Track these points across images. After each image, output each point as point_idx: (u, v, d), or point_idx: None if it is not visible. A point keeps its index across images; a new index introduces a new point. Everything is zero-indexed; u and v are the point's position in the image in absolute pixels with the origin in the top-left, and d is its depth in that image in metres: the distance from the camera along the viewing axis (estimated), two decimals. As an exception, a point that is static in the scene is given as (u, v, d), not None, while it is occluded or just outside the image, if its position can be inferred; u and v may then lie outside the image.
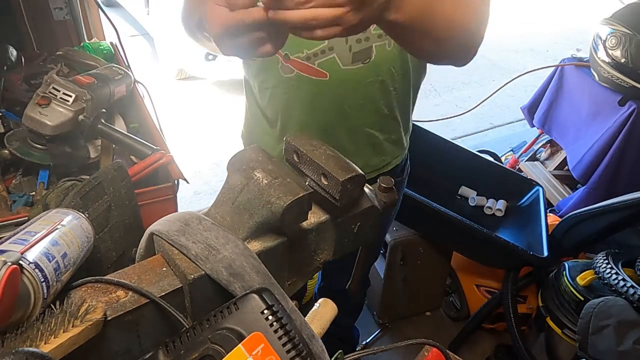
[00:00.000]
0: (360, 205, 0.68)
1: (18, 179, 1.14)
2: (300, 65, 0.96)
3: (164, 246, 0.55)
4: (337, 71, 0.95)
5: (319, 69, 0.95)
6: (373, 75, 0.97)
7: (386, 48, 0.95)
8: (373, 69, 0.96)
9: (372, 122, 1.05)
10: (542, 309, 1.60)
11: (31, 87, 1.35)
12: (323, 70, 0.95)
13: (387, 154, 1.13)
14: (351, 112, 1.01)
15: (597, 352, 1.26)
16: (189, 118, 3.57)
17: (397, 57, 0.97)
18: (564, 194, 2.36)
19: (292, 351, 0.42)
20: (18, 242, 0.48)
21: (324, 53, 0.94)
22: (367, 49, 0.93)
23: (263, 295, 0.46)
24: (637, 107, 1.92)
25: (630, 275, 1.40)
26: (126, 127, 1.37)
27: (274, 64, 0.97)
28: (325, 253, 0.68)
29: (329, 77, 0.96)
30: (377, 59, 0.95)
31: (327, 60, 0.94)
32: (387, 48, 0.95)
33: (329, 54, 0.94)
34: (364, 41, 0.92)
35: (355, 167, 0.61)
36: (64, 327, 0.45)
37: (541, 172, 2.51)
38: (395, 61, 0.97)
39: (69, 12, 1.73)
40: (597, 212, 1.58)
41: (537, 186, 2.01)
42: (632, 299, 1.30)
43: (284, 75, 0.98)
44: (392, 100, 1.04)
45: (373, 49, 0.93)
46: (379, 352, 0.61)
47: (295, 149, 0.64)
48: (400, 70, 1.00)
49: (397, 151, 1.16)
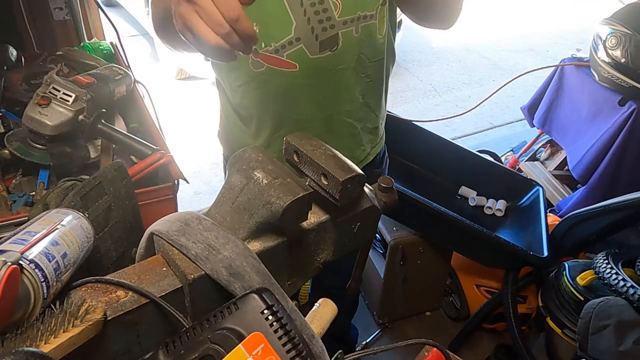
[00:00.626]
0: (360, 205, 0.68)
1: (18, 179, 1.14)
2: (269, 58, 0.95)
3: (164, 246, 0.55)
4: (306, 61, 0.95)
5: (288, 61, 0.95)
6: (343, 63, 0.97)
7: (353, 34, 0.95)
8: (342, 56, 0.96)
9: (348, 111, 1.05)
10: (542, 309, 1.60)
11: (31, 87, 1.35)
12: (292, 62, 0.95)
13: (365, 144, 1.14)
14: (325, 102, 1.02)
15: (597, 352, 1.26)
16: (189, 118, 3.57)
17: (366, 43, 0.97)
18: (564, 194, 2.36)
19: (292, 351, 0.42)
20: (18, 242, 0.48)
21: (292, 44, 0.93)
22: (334, 36, 0.93)
23: (263, 295, 0.46)
24: (637, 107, 1.92)
25: (630, 275, 1.40)
26: (126, 127, 1.37)
27: (244, 60, 0.97)
28: (325, 253, 0.68)
29: (298, 68, 0.96)
30: (344, 45, 0.95)
31: (295, 51, 0.94)
32: (354, 34, 0.95)
33: (296, 44, 0.93)
34: (330, 29, 0.93)
35: (355, 167, 0.61)
36: (64, 327, 0.45)
37: (541, 172, 2.51)
38: (364, 47, 0.98)
39: (69, 12, 1.73)
40: (597, 212, 1.58)
41: (537, 186, 2.01)
42: (632, 299, 1.30)
43: (254, 70, 0.98)
44: (366, 87, 1.04)
45: (339, 36, 0.94)
46: (379, 352, 0.61)
47: (295, 149, 0.64)
48: (371, 56, 1.00)
49: (374, 140, 1.17)
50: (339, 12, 0.92)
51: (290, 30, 0.92)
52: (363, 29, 0.95)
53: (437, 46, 5.21)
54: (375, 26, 0.97)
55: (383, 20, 0.98)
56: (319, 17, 0.91)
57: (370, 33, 0.97)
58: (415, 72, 4.64)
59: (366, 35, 0.96)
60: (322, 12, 0.91)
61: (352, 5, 0.92)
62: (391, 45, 1.07)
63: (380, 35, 0.99)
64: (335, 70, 0.98)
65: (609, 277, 1.37)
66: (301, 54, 0.94)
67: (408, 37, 4.81)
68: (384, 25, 0.99)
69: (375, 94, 1.09)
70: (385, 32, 1.00)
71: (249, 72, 0.98)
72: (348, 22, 0.93)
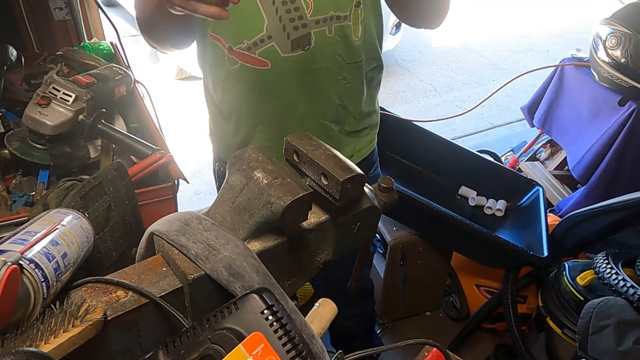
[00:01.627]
0: (360, 205, 0.68)
1: (18, 179, 1.14)
2: (242, 55, 0.96)
3: (164, 246, 0.55)
4: (278, 59, 0.95)
5: (260, 59, 0.95)
6: (316, 63, 0.97)
7: (326, 34, 0.94)
8: (314, 56, 0.96)
9: (323, 112, 1.04)
10: (542, 309, 1.60)
11: (31, 87, 1.35)
12: (264, 59, 0.95)
13: (345, 146, 1.12)
14: (299, 101, 1.01)
15: (597, 352, 1.26)
16: (189, 118, 3.57)
17: (341, 44, 0.97)
18: (564, 194, 2.36)
19: (292, 351, 0.42)
20: (18, 242, 0.48)
21: (263, 42, 0.94)
22: (306, 35, 0.93)
23: (263, 295, 0.46)
24: (637, 107, 1.92)
25: (630, 275, 1.40)
26: (126, 127, 1.37)
27: (221, 57, 0.98)
28: (325, 253, 0.68)
29: (270, 66, 0.96)
30: (317, 45, 0.95)
31: (266, 49, 0.94)
32: (328, 34, 0.95)
33: (268, 42, 0.94)
34: (302, 28, 0.93)
35: (355, 167, 0.61)
36: (64, 327, 0.45)
37: (541, 172, 2.51)
38: (339, 48, 0.97)
39: (69, 12, 1.73)
40: (597, 212, 1.58)
41: (537, 186, 2.01)
42: (632, 299, 1.30)
43: (230, 67, 0.98)
44: (343, 89, 1.03)
45: (312, 35, 0.93)
46: (378, 352, 0.61)
47: (295, 149, 0.64)
48: (347, 58, 0.99)
49: (355, 144, 1.14)
50: (311, 11, 0.92)
51: (262, 28, 0.92)
52: (337, 29, 0.95)
53: (437, 46, 5.21)
54: (349, 27, 0.96)
55: (357, 22, 0.97)
56: (290, 16, 0.91)
57: (344, 34, 0.96)
58: (415, 72, 4.64)
59: (340, 35, 0.96)
60: (294, 10, 0.91)
61: (324, 5, 0.92)
62: (373, 50, 1.06)
63: (356, 38, 0.98)
64: (309, 69, 0.97)
65: (609, 277, 1.37)
66: (273, 52, 0.94)
67: (408, 37, 4.81)
68: (359, 28, 0.98)
69: (353, 97, 1.07)
70: (362, 35, 0.99)
71: (226, 70, 0.99)
72: (320, 21, 0.93)
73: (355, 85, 1.06)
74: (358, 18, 0.97)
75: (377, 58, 1.09)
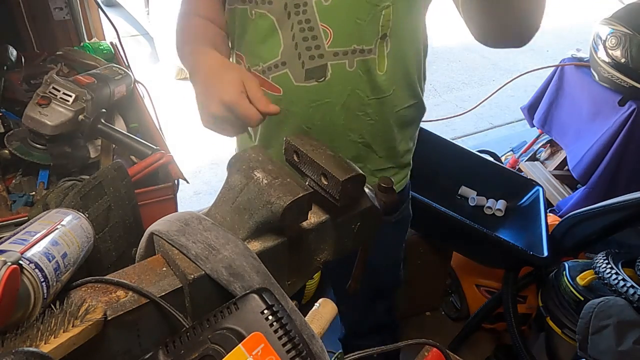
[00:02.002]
0: (360, 205, 0.68)
1: (18, 179, 1.14)
2: (258, 77, 0.93)
3: (164, 246, 0.55)
4: (290, 87, 0.90)
5: (272, 84, 0.91)
6: (330, 96, 0.90)
7: (345, 68, 0.87)
8: (329, 89, 0.89)
9: (338, 147, 0.96)
10: (542, 309, 1.60)
11: (31, 87, 1.35)
12: (276, 85, 0.91)
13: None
14: (311, 132, 0.94)
15: (597, 352, 1.26)
16: (189, 118, 3.57)
17: (364, 79, 0.89)
18: (564, 194, 2.36)
19: (292, 351, 0.42)
20: (18, 242, 0.48)
21: (277, 67, 0.89)
22: (321, 66, 0.87)
23: (263, 295, 0.46)
24: (637, 107, 1.92)
25: (630, 275, 1.40)
26: (126, 127, 1.37)
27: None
28: (325, 253, 0.68)
29: (282, 93, 0.91)
30: (333, 78, 0.88)
31: (280, 75, 0.90)
32: (347, 68, 0.87)
33: (282, 68, 0.89)
34: (318, 58, 0.86)
35: (355, 167, 0.61)
36: (64, 327, 0.45)
37: (541, 172, 2.51)
38: (361, 83, 0.89)
39: (69, 12, 1.73)
40: (597, 212, 1.58)
41: (537, 186, 2.01)
42: (632, 299, 1.30)
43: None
44: (365, 126, 0.95)
45: (328, 67, 0.87)
46: (378, 352, 0.61)
47: (295, 149, 0.64)
48: (371, 93, 0.91)
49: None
50: (330, 41, 0.85)
51: (277, 53, 0.88)
52: (359, 63, 0.87)
53: (437, 46, 5.21)
54: (374, 61, 0.88)
55: (383, 54, 0.89)
56: (307, 44, 0.86)
57: (368, 68, 0.88)
58: (415, 72, 4.64)
59: (363, 70, 0.88)
60: (311, 38, 0.85)
61: (346, 37, 0.85)
62: (407, 86, 0.95)
63: (380, 72, 0.89)
64: (321, 102, 0.90)
65: (609, 277, 1.37)
66: (285, 79, 0.89)
67: (408, 37, 4.80)
68: (384, 61, 0.89)
69: (380, 136, 0.97)
70: (388, 68, 0.90)
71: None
72: (340, 54, 0.86)
73: (382, 123, 0.96)
74: (384, 50, 0.88)
75: (414, 95, 0.98)
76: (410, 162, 1.12)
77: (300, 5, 0.83)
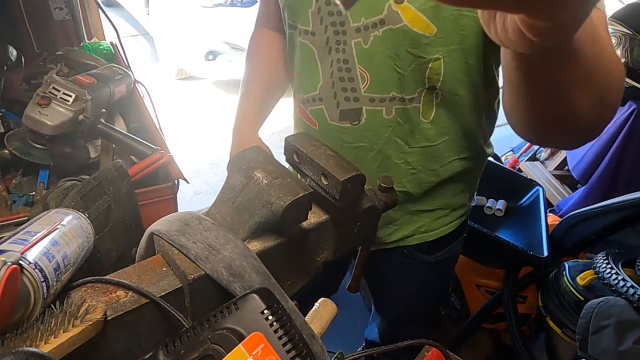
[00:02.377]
0: (360, 205, 0.68)
1: (18, 179, 1.14)
2: (299, 106, 0.93)
3: (164, 246, 0.55)
4: (325, 124, 0.87)
5: (310, 116, 0.90)
6: (364, 141, 0.86)
7: (382, 115, 0.82)
8: (363, 134, 0.85)
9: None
10: (542, 309, 1.60)
11: (31, 87, 1.35)
12: (313, 119, 0.90)
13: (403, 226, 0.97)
14: None
15: (597, 352, 1.26)
16: (189, 118, 3.57)
17: (404, 128, 0.83)
18: (564, 194, 2.36)
19: (292, 351, 0.42)
20: (18, 242, 0.48)
21: (315, 102, 0.88)
22: (356, 110, 0.83)
23: (263, 295, 0.46)
24: (637, 107, 1.92)
25: (630, 275, 1.40)
26: (126, 127, 1.37)
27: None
28: (325, 253, 0.68)
29: (317, 127, 0.90)
30: (368, 124, 0.83)
31: (316, 110, 0.88)
32: (384, 115, 0.82)
33: (319, 103, 0.87)
34: (353, 100, 0.82)
35: (355, 167, 0.61)
36: (64, 327, 0.45)
37: (541, 172, 2.51)
38: (400, 131, 0.83)
39: (69, 12, 1.73)
40: (597, 212, 1.58)
41: (537, 186, 2.01)
42: (632, 299, 1.30)
43: (295, 109, 0.96)
44: (403, 175, 0.89)
45: (363, 111, 0.83)
46: (378, 352, 0.61)
47: (295, 149, 0.64)
48: (412, 141, 0.84)
49: (420, 223, 0.97)
50: (366, 86, 0.80)
51: (316, 87, 0.86)
52: (399, 112, 0.81)
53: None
54: (417, 110, 0.81)
55: (431, 104, 0.81)
56: (344, 85, 0.82)
57: (409, 117, 0.82)
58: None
59: (404, 119, 0.82)
60: (348, 80, 0.81)
61: (383, 84, 0.79)
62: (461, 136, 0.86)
63: (425, 120, 0.82)
64: (355, 145, 0.86)
65: (609, 277, 1.37)
66: (321, 115, 0.87)
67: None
68: (431, 109, 0.81)
69: (422, 186, 0.90)
70: (436, 117, 0.82)
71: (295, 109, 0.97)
72: (376, 100, 0.81)
73: (425, 173, 0.89)
74: (432, 101, 0.80)
75: (470, 147, 0.89)
76: (465, 205, 1.01)
77: (341, 42, 0.79)
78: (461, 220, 1.03)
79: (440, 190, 0.94)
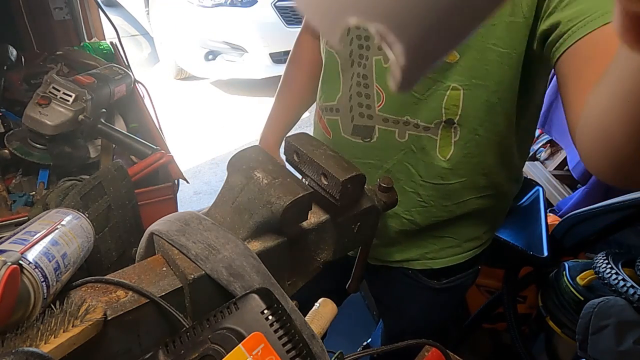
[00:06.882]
0: (360, 205, 0.68)
1: (18, 179, 1.14)
2: (318, 112, 0.93)
3: (164, 246, 0.55)
4: (338, 135, 0.87)
5: (326, 125, 0.90)
6: (374, 158, 0.84)
7: (395, 137, 0.79)
8: (374, 153, 0.83)
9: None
10: (542, 309, 1.60)
11: (31, 87, 1.35)
12: (328, 128, 0.89)
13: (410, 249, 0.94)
14: None
15: (597, 352, 1.26)
16: (189, 118, 3.57)
17: (417, 157, 0.80)
18: (564, 194, 2.36)
19: (292, 351, 0.42)
20: (18, 242, 0.48)
21: (332, 111, 0.87)
22: (369, 127, 0.81)
23: (263, 295, 0.46)
24: (637, 107, 1.92)
25: (630, 275, 1.40)
26: (126, 127, 1.37)
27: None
28: (325, 253, 0.68)
29: (331, 137, 0.89)
30: (379, 143, 0.81)
31: (332, 120, 0.87)
32: (397, 138, 0.79)
33: (335, 114, 0.86)
34: (367, 118, 0.81)
35: (355, 167, 0.61)
36: (64, 327, 0.45)
37: (541, 172, 2.51)
38: (412, 159, 0.81)
39: (69, 12, 1.73)
40: (597, 212, 1.58)
41: (537, 186, 2.01)
42: (632, 299, 1.30)
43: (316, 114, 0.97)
44: (412, 205, 0.85)
45: (375, 130, 0.81)
46: (379, 352, 0.61)
47: (295, 149, 0.64)
48: (425, 175, 0.81)
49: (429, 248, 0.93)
50: (381, 105, 0.78)
51: (334, 98, 0.86)
52: (413, 138, 0.78)
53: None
54: (433, 142, 0.77)
55: (449, 140, 0.77)
56: (360, 100, 0.80)
57: (423, 147, 0.78)
58: (415, 72, 4.63)
59: (417, 147, 0.79)
60: (365, 96, 0.80)
61: (397, 106, 0.77)
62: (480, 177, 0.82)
63: (442, 156, 0.78)
64: (365, 162, 0.84)
65: (609, 277, 1.37)
66: (336, 126, 0.86)
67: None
68: (449, 147, 0.77)
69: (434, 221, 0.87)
70: (454, 156, 0.78)
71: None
72: (390, 121, 0.79)
73: (436, 208, 0.85)
74: (450, 137, 0.77)
75: (490, 186, 0.84)
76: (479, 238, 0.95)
77: (364, 57, 0.78)
78: (474, 253, 0.96)
79: (453, 234, 0.90)
